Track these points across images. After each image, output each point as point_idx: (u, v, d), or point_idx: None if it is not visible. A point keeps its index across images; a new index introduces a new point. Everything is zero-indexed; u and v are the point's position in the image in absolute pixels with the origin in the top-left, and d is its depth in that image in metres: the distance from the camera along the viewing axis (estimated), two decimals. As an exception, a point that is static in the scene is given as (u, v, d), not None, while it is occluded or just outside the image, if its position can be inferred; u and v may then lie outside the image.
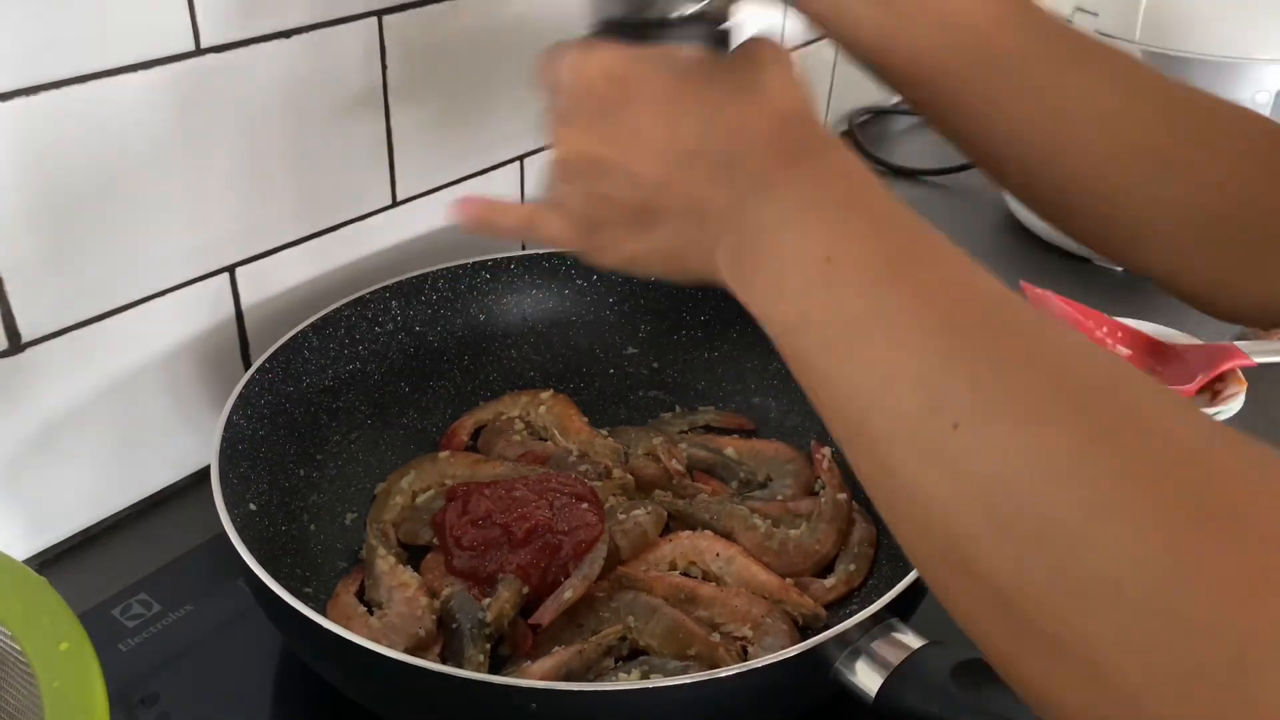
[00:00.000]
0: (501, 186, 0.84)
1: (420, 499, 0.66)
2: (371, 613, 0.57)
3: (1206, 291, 0.50)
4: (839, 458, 0.69)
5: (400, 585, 0.57)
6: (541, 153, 0.86)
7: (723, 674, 0.45)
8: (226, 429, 0.57)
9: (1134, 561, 0.26)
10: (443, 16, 0.73)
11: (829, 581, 0.61)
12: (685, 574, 0.61)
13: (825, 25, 0.50)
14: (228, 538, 0.50)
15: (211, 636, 0.58)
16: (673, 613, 0.57)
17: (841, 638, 0.47)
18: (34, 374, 0.58)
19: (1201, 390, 0.78)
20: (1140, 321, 0.84)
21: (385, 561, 0.59)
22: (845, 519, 0.64)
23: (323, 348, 0.67)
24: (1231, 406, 0.76)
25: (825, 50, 1.28)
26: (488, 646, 0.54)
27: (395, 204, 0.76)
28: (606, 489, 0.65)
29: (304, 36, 0.65)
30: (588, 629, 0.57)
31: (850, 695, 0.48)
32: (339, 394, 0.68)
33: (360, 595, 0.58)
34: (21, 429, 0.59)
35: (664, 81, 0.42)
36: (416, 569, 0.60)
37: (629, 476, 0.67)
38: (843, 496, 0.65)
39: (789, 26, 1.11)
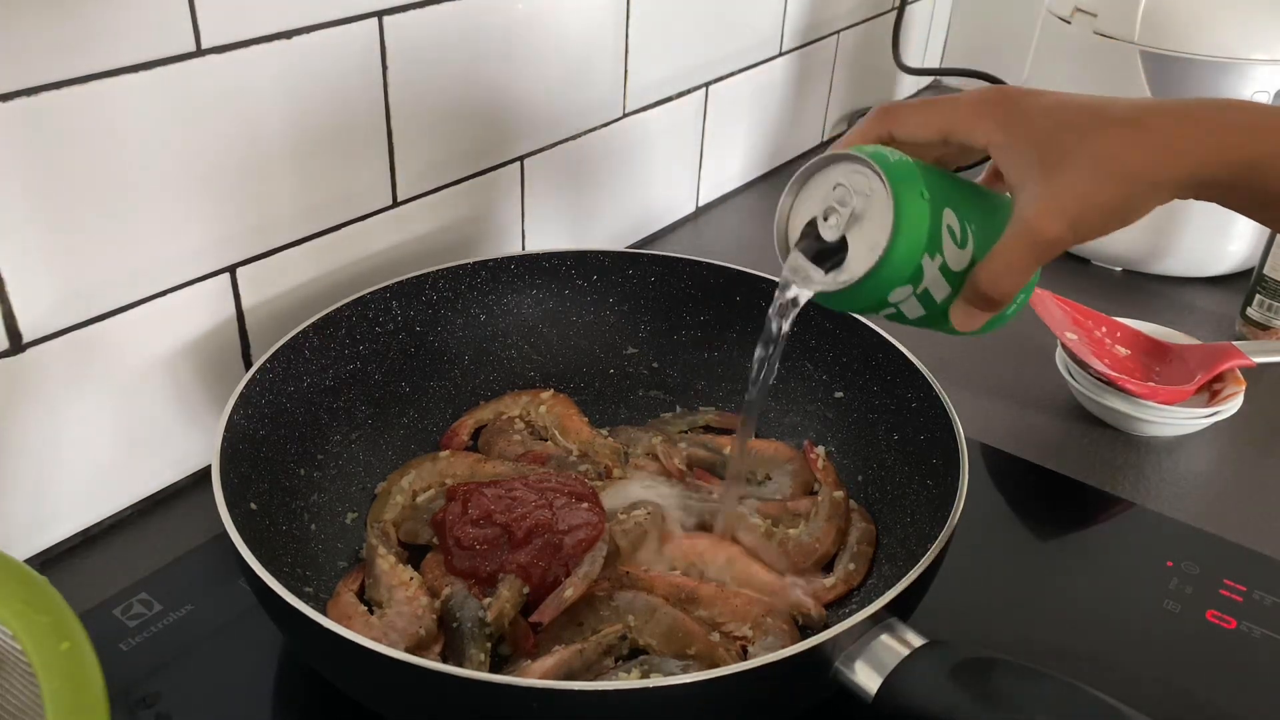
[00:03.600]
0: (502, 186, 0.85)
1: (420, 499, 0.66)
2: (372, 612, 0.57)
3: None
4: (834, 456, 0.69)
5: (401, 585, 0.58)
6: (541, 152, 0.87)
7: (723, 674, 0.45)
8: (227, 429, 0.57)
9: None
10: (443, 16, 0.73)
11: (829, 581, 0.61)
12: (685, 574, 0.61)
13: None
14: (228, 537, 0.50)
15: (212, 636, 0.58)
16: (673, 612, 0.57)
17: (841, 637, 0.47)
18: (34, 374, 0.59)
19: (1200, 390, 0.79)
20: (1139, 321, 0.85)
21: (386, 561, 0.59)
22: (843, 516, 0.64)
23: (323, 348, 0.67)
24: (1230, 406, 0.76)
25: (825, 49, 1.29)
26: (488, 646, 0.54)
27: (395, 204, 0.76)
28: (606, 488, 0.65)
29: (304, 37, 0.65)
30: (588, 628, 0.57)
31: (850, 695, 0.48)
32: (339, 394, 0.68)
33: (361, 595, 0.59)
34: (21, 429, 0.59)
35: None
36: (417, 569, 0.60)
37: (629, 476, 0.67)
38: (839, 494, 0.65)
39: (788, 28, 1.11)
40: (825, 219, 0.47)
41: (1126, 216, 0.44)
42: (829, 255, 0.47)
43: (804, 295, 0.48)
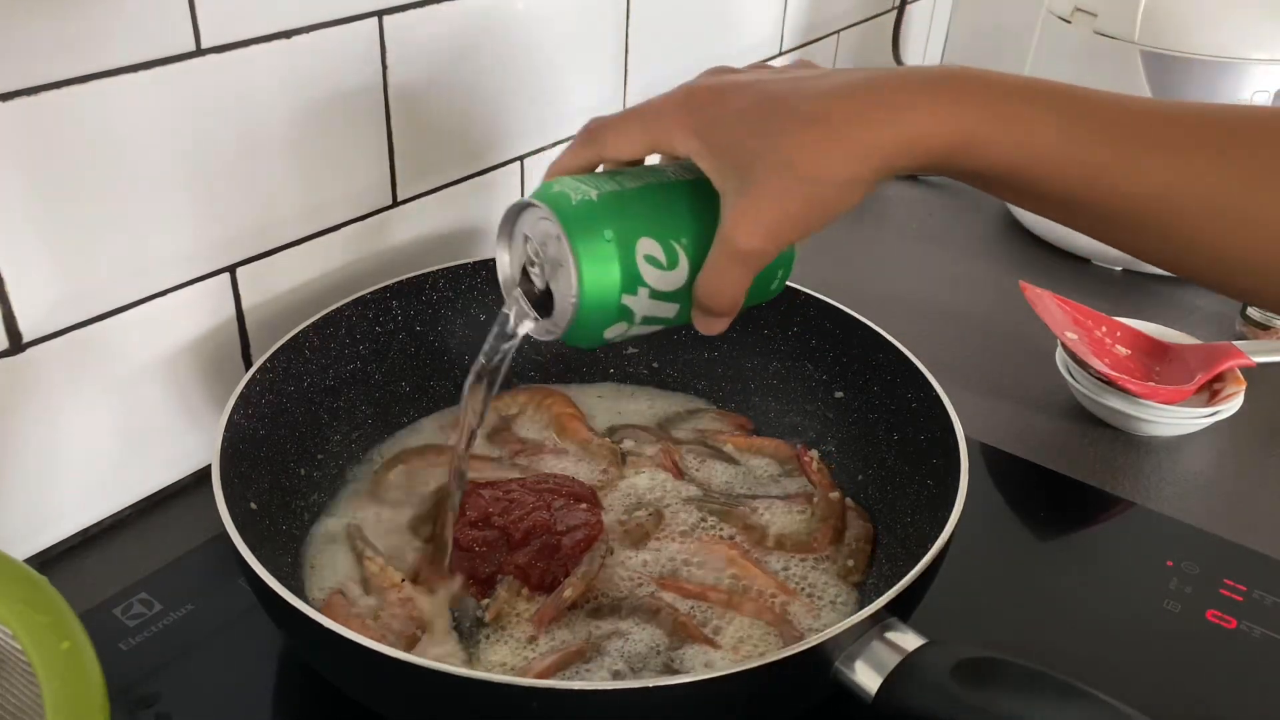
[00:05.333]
0: (501, 186, 0.85)
1: (420, 499, 0.66)
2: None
3: None
4: (833, 456, 0.69)
5: (392, 586, 0.57)
6: (541, 152, 0.87)
7: (723, 674, 0.45)
8: (227, 428, 0.57)
9: None
10: (443, 16, 0.73)
11: (828, 581, 0.61)
12: (684, 575, 0.61)
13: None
14: (228, 537, 0.50)
15: (212, 636, 0.58)
16: (673, 612, 0.57)
17: (841, 637, 0.47)
18: (34, 374, 0.58)
19: (1200, 390, 0.79)
20: (1139, 321, 0.85)
21: (374, 563, 0.59)
22: (839, 517, 0.64)
23: (323, 347, 0.67)
24: (1230, 406, 0.76)
25: (825, 49, 1.28)
26: (488, 646, 0.54)
27: (395, 204, 0.76)
28: (606, 489, 0.65)
29: (304, 36, 0.65)
30: (588, 628, 0.57)
31: (850, 695, 0.48)
32: (340, 394, 0.68)
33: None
34: (21, 429, 0.59)
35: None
36: (416, 569, 0.60)
37: (628, 476, 0.67)
38: (835, 495, 0.65)
39: (788, 28, 1.11)
40: (532, 266, 0.46)
41: (824, 218, 0.43)
42: (548, 299, 0.46)
43: (520, 335, 0.48)
